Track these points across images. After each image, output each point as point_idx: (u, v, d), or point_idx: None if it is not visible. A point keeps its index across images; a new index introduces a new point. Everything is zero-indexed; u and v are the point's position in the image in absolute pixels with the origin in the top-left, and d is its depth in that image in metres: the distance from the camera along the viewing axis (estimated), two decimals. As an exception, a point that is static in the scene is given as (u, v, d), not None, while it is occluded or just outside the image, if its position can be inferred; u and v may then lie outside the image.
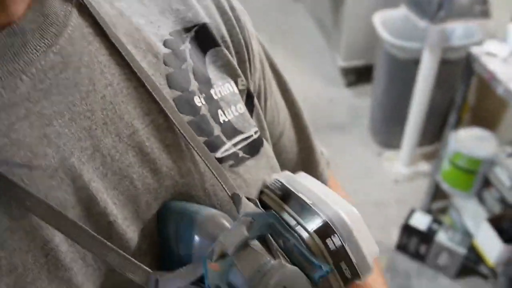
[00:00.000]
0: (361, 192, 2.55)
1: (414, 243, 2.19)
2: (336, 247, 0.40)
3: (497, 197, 1.88)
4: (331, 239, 0.40)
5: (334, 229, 0.40)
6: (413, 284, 2.16)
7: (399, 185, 2.57)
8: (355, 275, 0.41)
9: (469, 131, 2.02)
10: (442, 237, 2.11)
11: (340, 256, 0.40)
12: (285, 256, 0.38)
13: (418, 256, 2.22)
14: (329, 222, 0.41)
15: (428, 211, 2.40)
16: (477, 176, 1.96)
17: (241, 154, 0.44)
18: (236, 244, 0.34)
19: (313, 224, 0.40)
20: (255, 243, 0.36)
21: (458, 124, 2.07)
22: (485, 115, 2.39)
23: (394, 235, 2.25)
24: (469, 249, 2.04)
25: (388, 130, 2.68)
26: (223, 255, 0.34)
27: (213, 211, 0.39)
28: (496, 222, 1.84)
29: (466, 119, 2.49)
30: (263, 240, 0.37)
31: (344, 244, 0.40)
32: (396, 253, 2.27)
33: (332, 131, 2.87)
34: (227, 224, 0.37)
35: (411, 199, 2.46)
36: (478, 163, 1.92)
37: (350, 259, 0.41)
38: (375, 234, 2.37)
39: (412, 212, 2.21)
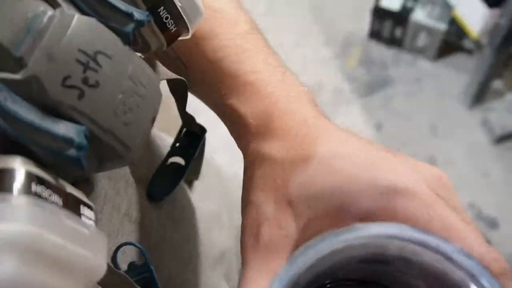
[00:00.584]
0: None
1: (388, 27, 1.92)
2: None
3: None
4: None
5: None
6: (390, 74, 1.95)
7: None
8: (180, 24, 0.29)
9: None
10: (418, 15, 1.82)
11: None
12: (76, 5, 0.23)
13: (394, 41, 1.96)
14: None
15: (403, -13, 2.07)
16: None
17: None
18: None
19: None
20: None
21: None
22: None
23: (366, 23, 1.96)
24: (450, 23, 1.77)
25: None
26: None
27: None
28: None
29: None
30: None
31: None
32: (370, 42, 2.01)
33: None
34: None
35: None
36: None
37: (172, 1, 0.28)
38: (345, 24, 2.12)
39: (383, -9, 1.89)
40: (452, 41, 1.85)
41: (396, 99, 1.88)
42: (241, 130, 0.34)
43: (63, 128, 0.21)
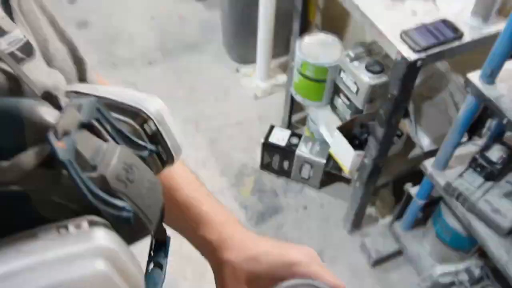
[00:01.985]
0: (221, 113, 2.42)
1: (276, 160, 2.13)
2: (152, 130, 0.47)
3: (347, 103, 1.82)
4: (148, 125, 0.46)
5: (149, 115, 0.46)
6: (281, 201, 2.13)
7: (259, 102, 2.47)
8: (170, 156, 0.49)
9: (313, 37, 1.91)
10: (302, 150, 2.05)
11: (156, 139, 0.47)
12: (114, 139, 0.42)
13: (283, 172, 2.17)
14: (142, 109, 0.46)
15: (289, 125, 2.33)
16: (327, 84, 1.88)
17: (19, 54, 0.44)
18: (75, 124, 0.38)
19: (128, 112, 0.46)
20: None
21: (306, 30, 1.95)
22: (333, 18, 2.29)
23: (259, 155, 2.16)
24: (328, 158, 2.01)
25: (241, 44, 2.52)
26: (65, 134, 0.36)
27: (31, 101, 0.39)
28: (348, 129, 1.79)
29: (316, 24, 2.38)
30: (90, 126, 0.41)
31: (158, 128, 0.47)
32: (262, 173, 2.21)
33: (185, 51, 2.66)
34: (53, 111, 0.39)
35: (273, 114, 2.38)
36: (325, 71, 1.83)
37: (165, 141, 0.48)
38: (240, 156, 2.31)
39: (271, 128, 2.12)
40: (333, 172, 2.09)
41: (286, 226, 2.05)
42: (209, 249, 0.62)
43: (119, 202, 0.38)
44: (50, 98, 0.42)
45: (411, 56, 1.30)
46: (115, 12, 2.85)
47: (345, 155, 1.79)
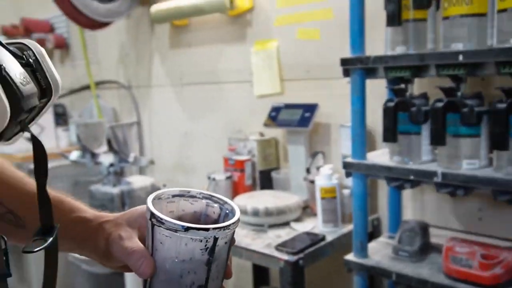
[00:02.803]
0: None
1: None
2: (33, 59, 0.54)
3: None
4: (28, 52, 0.54)
5: (29, 46, 0.55)
6: None
7: None
8: (49, 87, 0.55)
9: None
10: None
11: (36, 67, 0.54)
12: None
13: None
14: (24, 42, 0.55)
15: None
16: None
17: None
18: None
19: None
20: None
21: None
22: None
23: None
24: None
25: None
26: None
27: None
28: None
29: None
30: None
31: (37, 57, 0.55)
32: None
33: None
34: None
35: None
36: None
37: (44, 71, 0.55)
38: None
39: None
40: None
41: None
42: (86, 221, 0.68)
43: None
44: None
45: (291, 258, 1.45)
46: None
47: None
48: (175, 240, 0.55)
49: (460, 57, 1.15)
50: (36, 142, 0.54)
